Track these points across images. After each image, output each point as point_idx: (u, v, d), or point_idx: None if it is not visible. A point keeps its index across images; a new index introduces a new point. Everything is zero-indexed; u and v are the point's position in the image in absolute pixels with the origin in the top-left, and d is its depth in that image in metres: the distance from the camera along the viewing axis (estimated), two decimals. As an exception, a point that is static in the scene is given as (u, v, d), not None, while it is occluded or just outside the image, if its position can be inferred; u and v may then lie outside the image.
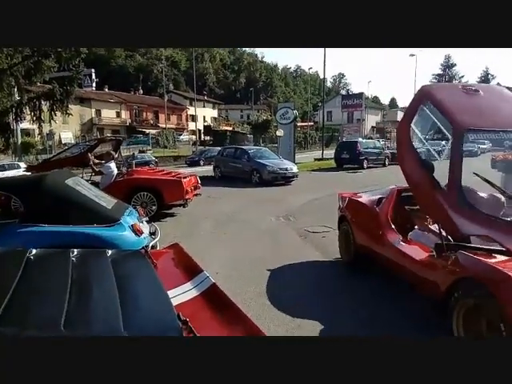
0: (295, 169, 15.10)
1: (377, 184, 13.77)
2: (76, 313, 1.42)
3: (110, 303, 1.54)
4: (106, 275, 1.85)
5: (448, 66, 55.99)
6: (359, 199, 5.04)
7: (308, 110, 71.08)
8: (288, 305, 3.97)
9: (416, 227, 4.06)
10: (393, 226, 4.06)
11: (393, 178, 14.73)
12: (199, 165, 25.55)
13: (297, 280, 4.72)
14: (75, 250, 2.18)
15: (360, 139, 24.22)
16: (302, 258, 5.59)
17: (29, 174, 7.93)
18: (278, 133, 21.04)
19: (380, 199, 4.51)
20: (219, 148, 28.87)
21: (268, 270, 5.04)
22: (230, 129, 53.04)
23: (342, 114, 51.44)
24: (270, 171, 14.28)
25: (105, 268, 1.96)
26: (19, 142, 18.96)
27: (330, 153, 27.68)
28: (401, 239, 3.89)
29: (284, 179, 14.41)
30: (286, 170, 14.62)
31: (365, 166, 20.19)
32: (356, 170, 19.49)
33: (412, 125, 3.67)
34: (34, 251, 2.08)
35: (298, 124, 40.68)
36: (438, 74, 57.19)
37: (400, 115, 72.97)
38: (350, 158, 20.43)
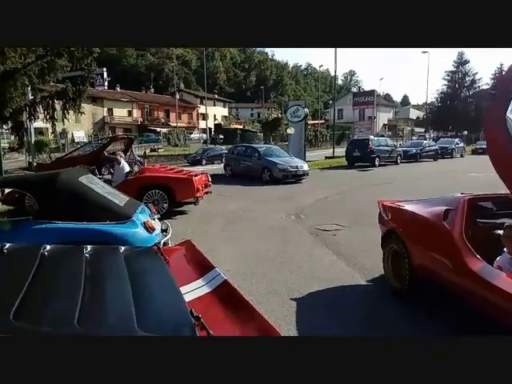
0: (306, 167, 15.03)
1: (390, 182, 13.68)
2: (90, 309, 1.43)
3: (123, 299, 1.55)
4: (120, 271, 1.86)
5: (461, 62, 54.89)
6: (415, 211, 4.01)
7: (319, 107, 70.71)
8: (300, 304, 3.96)
9: (505, 250, 3.09)
10: (471, 249, 3.11)
11: (406, 176, 14.50)
12: (201, 164, 24.98)
13: (310, 279, 4.70)
14: (88, 246, 2.20)
15: (371, 137, 23.99)
16: (314, 257, 5.57)
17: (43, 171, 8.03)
18: (288, 131, 20.97)
19: (447, 211, 3.53)
20: (221, 147, 28.84)
21: (279, 268, 5.03)
22: (241, 127, 53.07)
23: (353, 112, 51.09)
24: (281, 169, 14.24)
25: (118, 264, 1.97)
26: (33, 140, 19.23)
27: (340, 151, 27.53)
28: (487, 267, 2.95)
29: (294, 177, 14.35)
30: (297, 168, 14.55)
31: (376, 163, 20.01)
32: (367, 167, 19.33)
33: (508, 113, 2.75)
34: (47, 247, 2.11)
35: (309, 122, 40.45)
36: (451, 71, 56.05)
37: (412, 113, 72.25)
38: (361, 156, 20.26)
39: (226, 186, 13.27)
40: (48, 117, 8.24)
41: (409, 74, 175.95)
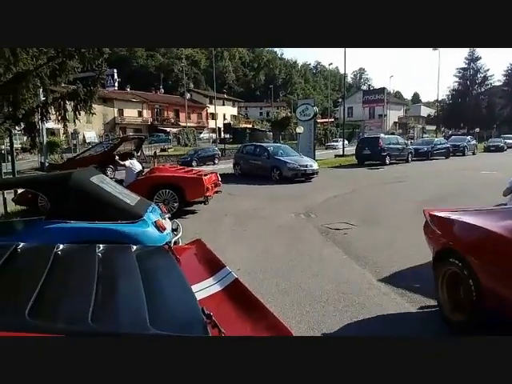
0: (315, 165, 14.98)
1: (401, 181, 13.57)
2: (103, 307, 1.44)
3: (135, 297, 1.56)
4: (132, 270, 1.88)
5: (473, 59, 53.99)
6: (483, 224, 3.18)
7: (328, 106, 70.42)
8: (311, 303, 3.95)
9: None
10: None
11: (417, 174, 14.38)
12: (191, 165, 23.15)
13: (320, 278, 4.68)
14: (101, 245, 2.22)
15: (382, 135, 23.81)
16: (324, 256, 5.55)
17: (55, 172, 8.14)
18: (297, 129, 20.90)
19: None
20: (214, 147, 28.46)
21: (289, 267, 5.03)
22: (250, 126, 53.15)
23: (363, 110, 50.75)
24: (290, 168, 14.22)
25: (130, 263, 1.99)
26: (45, 141, 19.48)
27: (350, 149, 27.38)
28: None
29: (304, 176, 14.31)
30: (306, 166, 14.51)
31: (387, 162, 19.86)
32: (378, 166, 19.19)
33: None
34: (61, 246, 2.13)
35: (318, 120, 40.33)
36: (463, 68, 55.19)
37: (423, 110, 71.49)
38: (371, 154, 20.13)
39: (236, 185, 13.29)
40: (60, 118, 8.32)
41: (419, 71, 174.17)
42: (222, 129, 47.96)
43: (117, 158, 9.24)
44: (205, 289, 1.87)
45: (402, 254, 5.41)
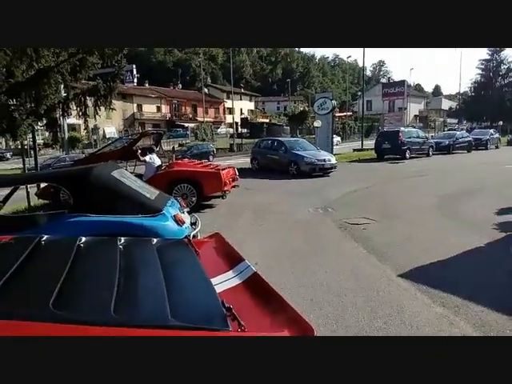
0: (333, 160, 14.83)
1: (421, 175, 13.31)
2: (125, 298, 1.46)
3: (156, 289, 1.58)
4: (152, 262, 1.90)
5: (496, 50, 52.15)
6: None
7: (347, 99, 69.54)
8: (329, 297, 3.93)
9: None
10: None
11: (438, 168, 14.12)
12: None
13: (338, 273, 4.65)
14: (122, 238, 2.25)
15: (402, 128, 23.37)
16: (342, 251, 5.51)
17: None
18: (315, 123, 20.71)
19: None
20: (210, 144, 28.00)
21: (307, 262, 5.01)
22: (267, 121, 52.96)
23: (383, 103, 49.84)
24: (308, 163, 14.12)
25: (151, 256, 2.01)
26: (66, 136, 19.90)
27: (369, 143, 27.00)
28: None
29: (322, 171, 14.19)
30: (324, 161, 14.38)
31: (407, 156, 19.51)
32: (398, 160, 18.87)
33: None
34: (83, 239, 2.17)
35: (336, 114, 39.85)
36: (486, 60, 53.33)
37: (445, 103, 69.80)
38: (391, 148, 19.79)
39: (253, 179, 13.29)
40: (80, 113, 8.49)
41: (441, 63, 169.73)
42: (239, 123, 47.97)
43: (138, 152, 9.36)
44: (224, 282, 1.88)
45: (423, 249, 5.31)
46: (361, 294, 3.97)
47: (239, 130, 45.06)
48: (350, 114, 57.80)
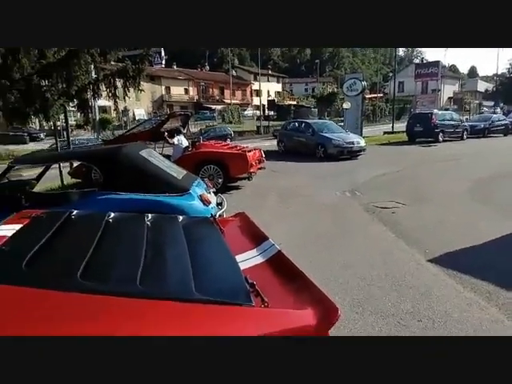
0: (362, 143, 14.50)
1: (455, 159, 12.82)
2: (150, 271, 1.48)
3: (181, 264, 1.59)
4: (178, 238, 1.92)
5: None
6: None
7: (378, 80, 67.42)
8: (355, 280, 3.89)
9: None
10: None
11: (472, 152, 13.61)
12: None
13: (365, 257, 4.58)
14: (149, 214, 2.28)
15: (435, 110, 22.48)
16: (370, 234, 5.42)
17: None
18: (344, 105, 20.24)
19: None
20: (226, 127, 27.61)
21: (333, 245, 4.96)
22: (294, 103, 52.16)
23: (416, 85, 47.96)
24: (336, 145, 13.86)
25: (176, 232, 2.03)
26: (97, 118, 20.31)
27: (400, 126, 26.19)
28: None
29: (350, 153, 13.91)
30: (353, 143, 14.08)
31: (440, 139, 18.80)
32: (430, 143, 18.23)
33: None
34: (112, 214, 2.21)
35: (367, 96, 38.76)
36: (529, 37, 50.07)
37: (480, 85, 66.50)
38: (423, 131, 19.11)
39: (280, 162, 13.20)
40: (110, 94, 8.62)
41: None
42: (266, 106, 47.50)
43: (166, 134, 9.47)
44: (248, 260, 1.87)
45: (454, 234, 5.15)
46: (388, 278, 3.91)
47: (266, 112, 44.68)
48: (381, 95, 56.05)
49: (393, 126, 26.82)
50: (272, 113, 43.26)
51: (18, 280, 1.26)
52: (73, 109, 10.47)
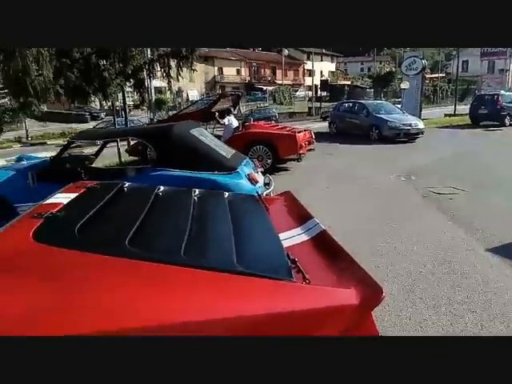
0: (420, 125, 13.72)
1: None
2: (194, 242, 1.51)
3: (224, 237, 1.60)
4: (223, 213, 1.94)
5: None
6: None
7: (439, 59, 63.18)
8: (405, 266, 3.74)
9: None
10: None
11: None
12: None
13: (418, 244, 4.38)
14: (197, 189, 2.32)
15: (502, 92, 20.69)
16: (425, 220, 5.16)
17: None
18: (402, 85, 19.21)
19: None
20: (273, 109, 26.73)
21: (384, 230, 4.79)
22: (349, 83, 50.50)
23: (481, 64, 44.47)
24: (392, 127, 13.25)
25: (222, 207, 2.05)
26: (153, 98, 20.94)
27: (463, 108, 24.50)
28: None
29: (407, 136, 13.24)
30: (410, 125, 13.36)
31: (507, 123, 17.33)
32: (496, 127, 16.89)
33: None
34: (161, 188, 2.28)
35: (427, 76, 36.47)
36: None
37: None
38: (488, 114, 17.71)
39: (331, 144, 12.90)
40: (164, 74, 8.83)
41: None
42: (319, 86, 46.33)
43: (216, 115, 9.57)
44: (291, 238, 1.85)
45: (519, 224, 4.76)
46: (442, 266, 3.71)
47: (318, 92, 43.63)
48: (443, 75, 52.59)
49: (455, 108, 25.15)
50: (324, 93, 42.17)
51: (70, 244, 1.34)
52: (130, 89, 10.86)
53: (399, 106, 18.30)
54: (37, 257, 1.30)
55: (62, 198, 1.88)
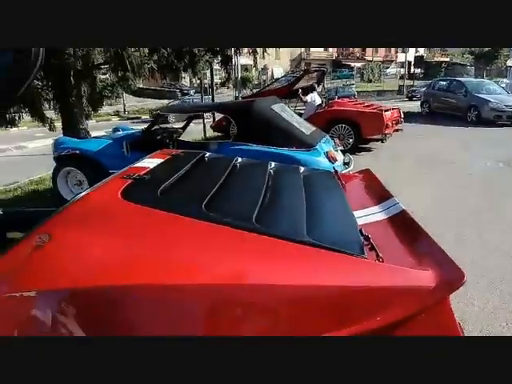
0: (529, 107, 12.12)
1: None
2: (267, 211, 1.54)
3: (296, 208, 1.60)
4: (296, 186, 1.93)
5: None
6: None
7: None
8: (494, 258, 3.41)
9: None
10: None
11: None
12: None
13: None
14: (273, 163, 2.34)
15: None
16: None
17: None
18: (509, 62, 17.06)
19: None
20: (349, 86, 24.59)
21: (475, 219, 4.39)
22: (447, 59, 46.10)
23: None
24: (493, 108, 11.91)
25: (296, 180, 2.05)
26: (239, 76, 21.29)
27: None
28: None
29: (510, 119, 11.81)
30: (516, 107, 11.89)
31: None
32: None
33: None
34: (239, 159, 2.34)
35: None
36: None
37: None
38: None
39: (421, 125, 12.04)
40: (250, 51, 8.88)
41: None
42: (413, 63, 43.03)
43: (299, 92, 9.45)
44: (367, 216, 1.78)
45: None
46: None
47: (412, 69, 40.53)
48: None
49: None
50: (419, 70, 39.12)
51: (153, 203, 1.44)
52: (217, 66, 11.15)
53: (504, 85, 16.32)
54: (123, 213, 1.43)
55: (149, 162, 2.04)
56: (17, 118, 7.21)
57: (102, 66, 7.47)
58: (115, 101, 15.29)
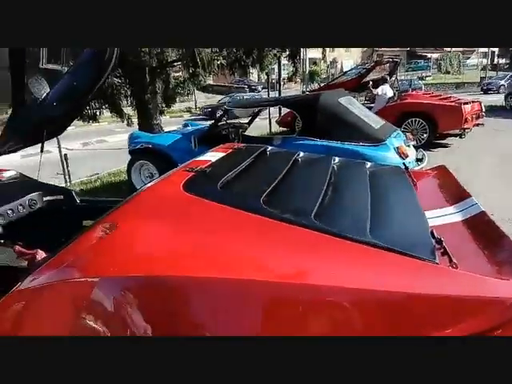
0: None
1: None
2: (327, 208, 1.47)
3: (359, 206, 1.52)
4: (361, 182, 1.84)
5: None
6: None
7: None
8: None
9: None
10: None
11: None
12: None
13: None
14: (337, 158, 2.25)
15: None
16: None
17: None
18: None
19: None
20: (415, 79, 22.25)
21: None
22: (541, 47, 41.40)
23: None
24: None
25: (361, 176, 1.95)
26: (307, 70, 21.04)
27: None
28: None
29: None
30: None
31: None
32: None
33: None
34: (301, 154, 2.29)
35: None
36: None
37: None
38: None
39: (505, 119, 10.96)
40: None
41: None
42: (497, 53, 39.24)
43: (370, 84, 9.09)
44: (440, 216, 1.63)
45: None
46: None
47: (496, 60, 36.99)
48: None
49: None
50: (503, 61, 35.63)
51: (212, 197, 1.45)
52: (285, 61, 11.10)
53: None
54: (184, 205, 1.45)
55: (211, 156, 2.07)
56: (98, 114, 7.80)
57: (175, 64, 7.79)
58: (187, 97, 15.93)
